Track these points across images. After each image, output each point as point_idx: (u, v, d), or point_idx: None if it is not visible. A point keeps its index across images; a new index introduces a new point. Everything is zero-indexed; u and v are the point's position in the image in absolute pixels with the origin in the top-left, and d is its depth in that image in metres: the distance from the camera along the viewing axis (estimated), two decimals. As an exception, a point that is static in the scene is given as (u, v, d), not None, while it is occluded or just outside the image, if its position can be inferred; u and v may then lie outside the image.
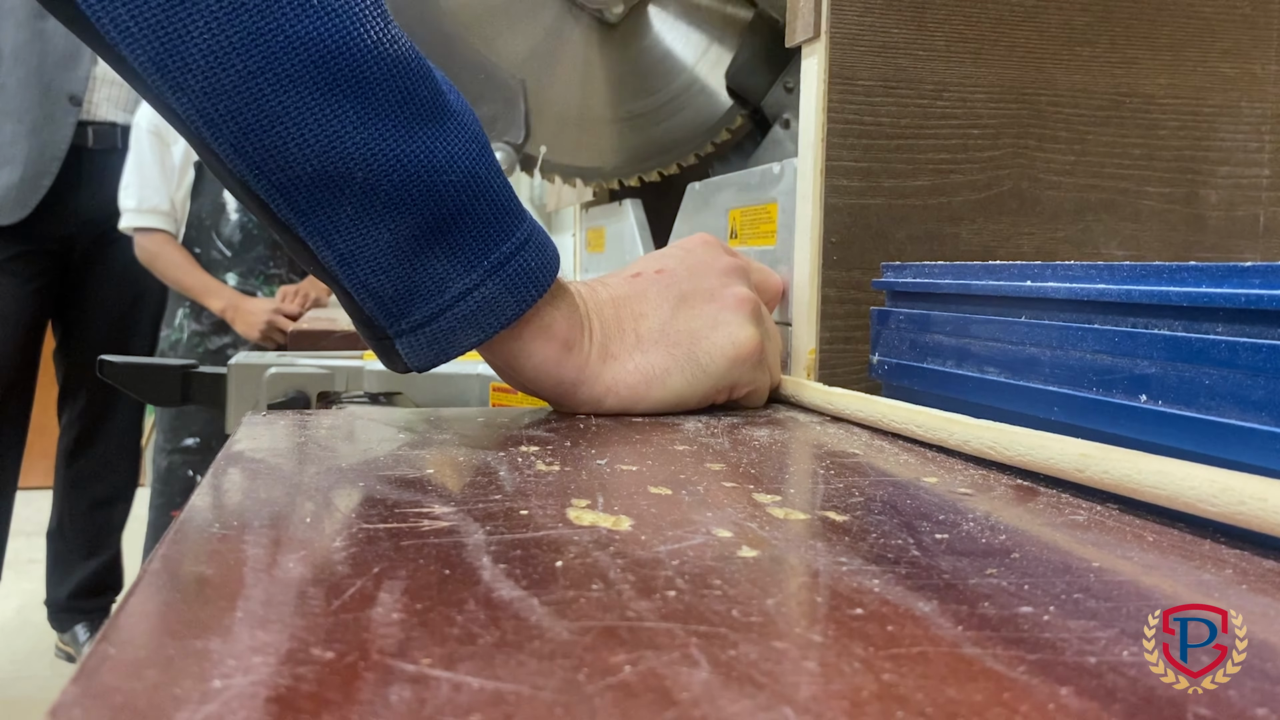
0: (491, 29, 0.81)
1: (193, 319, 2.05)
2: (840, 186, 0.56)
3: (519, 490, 0.31)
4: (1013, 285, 0.39)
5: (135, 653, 0.18)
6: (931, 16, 0.57)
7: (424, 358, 0.44)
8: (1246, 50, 0.62)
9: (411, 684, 0.16)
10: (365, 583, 0.22)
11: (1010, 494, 0.33)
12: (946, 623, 0.20)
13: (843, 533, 0.27)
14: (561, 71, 0.83)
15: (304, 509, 0.29)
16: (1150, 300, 0.32)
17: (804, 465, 0.39)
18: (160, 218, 2.00)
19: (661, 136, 0.87)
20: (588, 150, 0.86)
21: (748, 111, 0.85)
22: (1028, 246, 0.59)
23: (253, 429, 0.42)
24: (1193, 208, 0.62)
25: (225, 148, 0.38)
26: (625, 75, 0.85)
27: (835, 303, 0.56)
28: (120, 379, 0.77)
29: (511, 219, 0.44)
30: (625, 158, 0.87)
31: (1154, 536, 0.28)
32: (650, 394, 0.48)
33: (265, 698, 0.16)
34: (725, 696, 0.16)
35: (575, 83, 0.84)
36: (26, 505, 2.41)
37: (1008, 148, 0.59)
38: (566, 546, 0.25)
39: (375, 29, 0.39)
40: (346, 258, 0.41)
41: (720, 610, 0.20)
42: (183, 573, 0.23)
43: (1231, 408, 0.29)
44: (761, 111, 0.84)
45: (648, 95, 0.86)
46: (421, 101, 0.40)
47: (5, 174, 1.96)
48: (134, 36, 0.36)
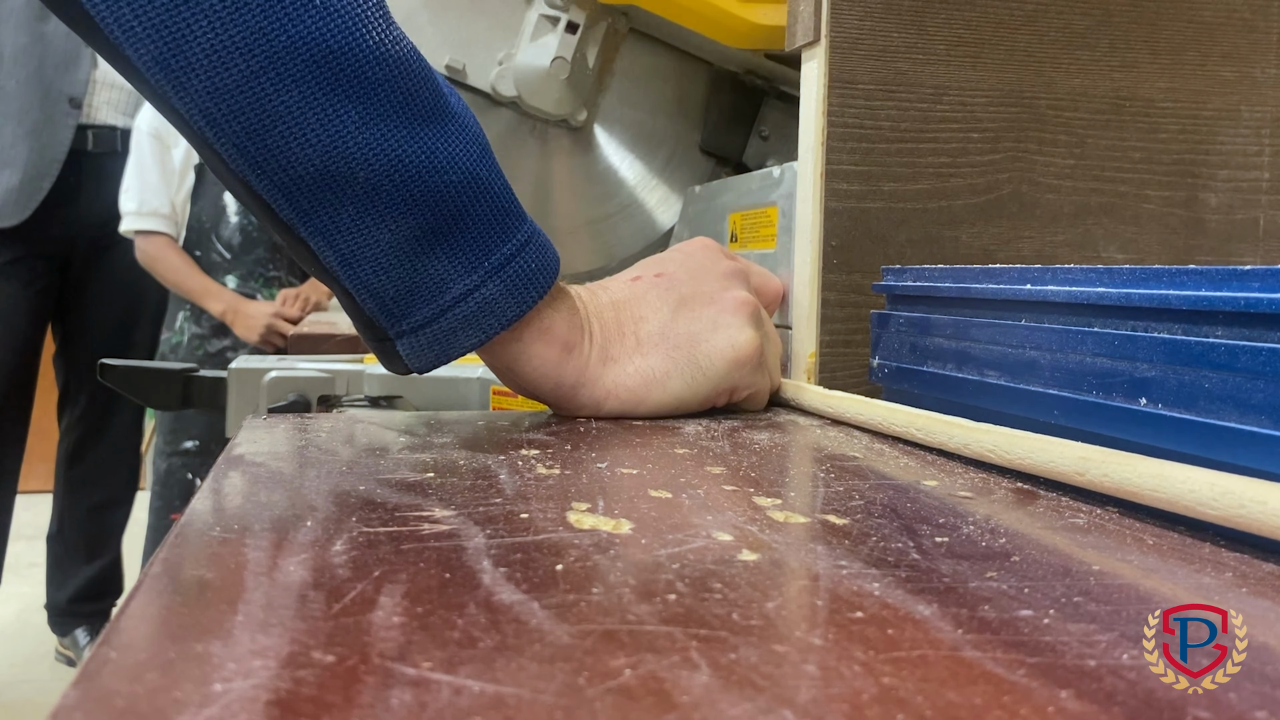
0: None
1: (193, 322, 2.05)
2: (840, 190, 0.56)
3: (519, 494, 0.31)
4: (1013, 289, 0.39)
5: (136, 656, 0.18)
6: (931, 20, 0.57)
7: (425, 359, 0.44)
8: (1246, 54, 0.62)
9: (412, 687, 0.16)
10: (366, 586, 0.22)
11: (1010, 497, 0.33)
12: (946, 626, 0.20)
13: (843, 536, 0.27)
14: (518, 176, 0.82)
15: (304, 512, 0.29)
16: (1150, 304, 0.32)
17: (804, 468, 0.39)
18: (160, 220, 2.00)
19: (617, 244, 0.86)
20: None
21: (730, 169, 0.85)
22: (1027, 250, 0.59)
23: (253, 432, 0.42)
24: (1192, 211, 0.62)
25: (228, 147, 0.38)
26: (585, 180, 0.84)
27: (835, 306, 0.56)
28: (120, 383, 0.77)
29: (512, 220, 0.44)
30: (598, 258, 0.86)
31: (1154, 540, 0.28)
32: (650, 397, 0.48)
33: (266, 701, 0.16)
34: (725, 700, 0.16)
35: (531, 188, 0.83)
36: (27, 509, 2.41)
37: (1007, 151, 0.59)
38: (567, 550, 0.25)
39: (378, 30, 0.39)
40: (348, 258, 0.41)
41: (720, 613, 0.20)
42: (183, 576, 0.23)
43: (1231, 411, 0.29)
44: (745, 166, 0.84)
45: (610, 200, 0.85)
46: (423, 102, 0.40)
47: (5, 177, 1.96)
48: (138, 35, 0.36)
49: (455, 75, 0.77)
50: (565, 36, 0.76)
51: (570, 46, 0.76)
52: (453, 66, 0.76)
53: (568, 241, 0.84)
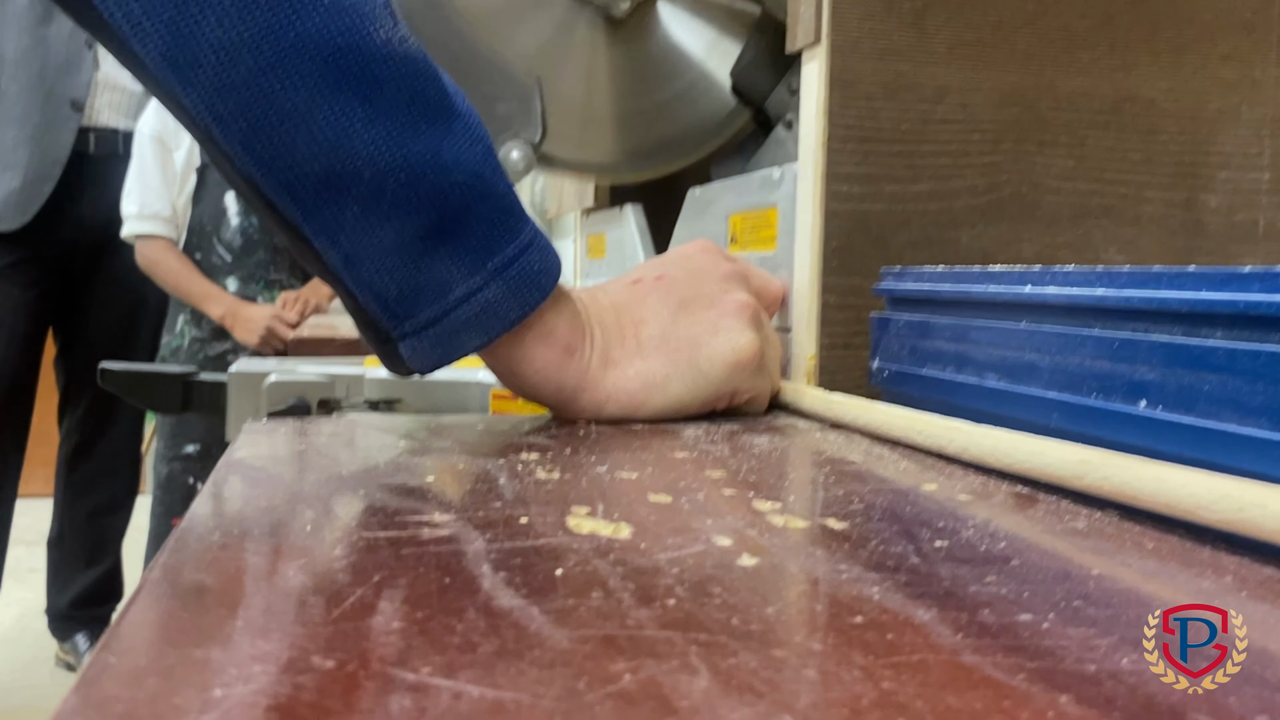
0: (503, 26, 0.81)
1: (193, 325, 2.05)
2: (840, 192, 0.56)
3: (519, 498, 0.31)
4: (1012, 291, 0.39)
5: (136, 661, 0.18)
6: (932, 21, 0.57)
7: (427, 360, 0.44)
8: (1246, 55, 0.62)
9: (412, 693, 0.16)
10: (365, 591, 0.22)
11: (1010, 501, 0.33)
12: (946, 630, 0.20)
13: (842, 540, 0.27)
14: (570, 68, 0.83)
15: (304, 517, 0.29)
16: (1150, 306, 0.32)
17: (804, 472, 0.39)
18: (161, 224, 2.00)
19: (670, 132, 0.87)
20: (594, 147, 0.86)
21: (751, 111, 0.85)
22: (1028, 252, 0.59)
23: (253, 436, 0.42)
24: (1192, 212, 0.62)
25: (234, 145, 0.38)
26: (633, 71, 0.85)
27: (835, 308, 0.56)
28: (121, 386, 0.77)
29: (515, 222, 0.44)
30: (630, 154, 0.87)
31: (1153, 543, 0.28)
32: (651, 400, 0.48)
33: (266, 707, 0.16)
34: (725, 705, 0.16)
35: (583, 79, 0.84)
36: (27, 514, 2.40)
37: (1008, 152, 0.59)
38: (566, 554, 0.25)
39: (385, 28, 0.39)
40: (351, 258, 0.41)
41: (720, 618, 0.20)
42: (183, 581, 0.23)
43: (1231, 414, 0.29)
44: (765, 112, 0.84)
45: (656, 91, 0.86)
46: (429, 102, 0.41)
47: (6, 180, 1.96)
48: (146, 31, 0.36)
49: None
50: None
51: None
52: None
53: (613, 129, 0.85)
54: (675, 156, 0.87)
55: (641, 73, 0.85)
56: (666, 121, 0.87)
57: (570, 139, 0.84)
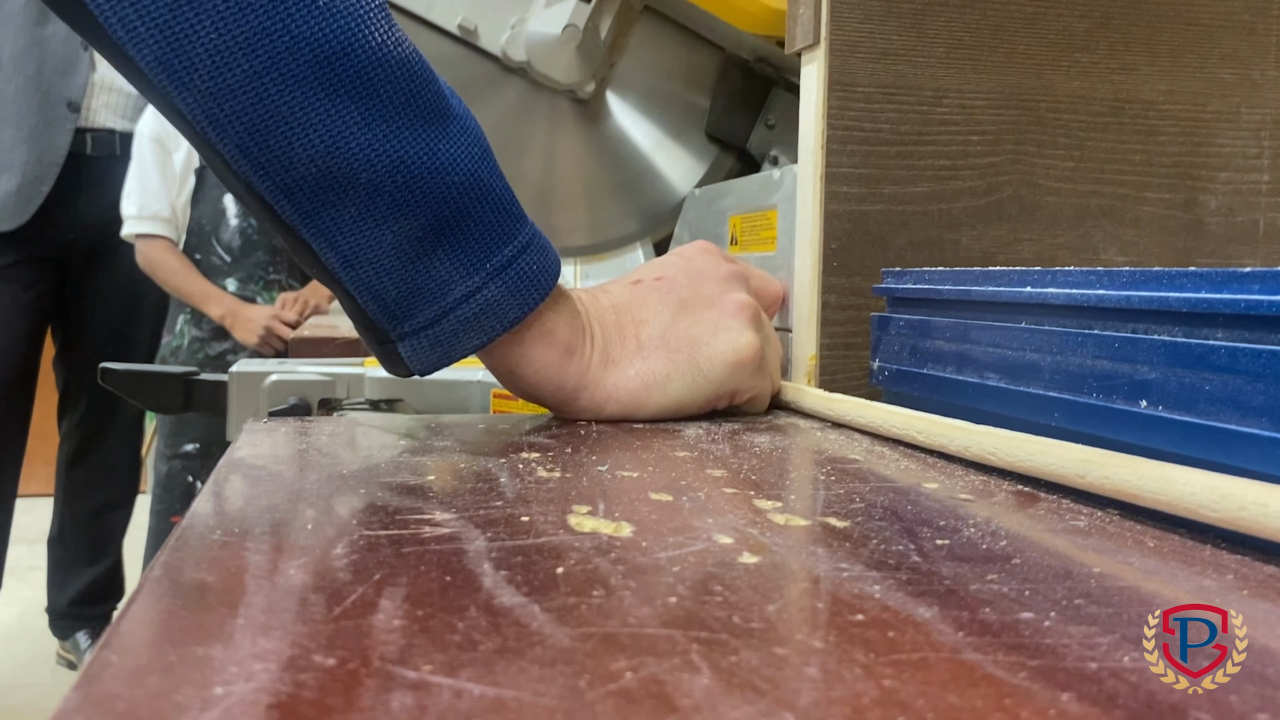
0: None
1: (193, 325, 2.05)
2: (840, 193, 0.56)
3: (520, 497, 0.31)
4: (1013, 291, 0.39)
5: (137, 660, 0.18)
6: (931, 23, 0.57)
7: (427, 361, 0.44)
8: (1245, 56, 0.62)
9: (413, 691, 0.16)
10: (366, 589, 0.22)
11: (1011, 500, 0.33)
12: (947, 629, 0.20)
13: (843, 539, 0.27)
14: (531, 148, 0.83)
15: (305, 516, 0.29)
16: (1150, 306, 0.32)
17: (805, 471, 0.39)
18: (161, 224, 2.00)
19: (624, 215, 0.86)
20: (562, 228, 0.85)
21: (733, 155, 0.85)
22: (1028, 252, 0.59)
23: (254, 436, 0.42)
24: (1192, 213, 0.62)
25: (230, 148, 0.38)
26: (599, 150, 0.84)
27: (835, 309, 0.56)
28: (121, 386, 0.77)
29: (513, 222, 0.44)
30: (594, 234, 0.86)
31: (1155, 542, 0.28)
32: (651, 400, 0.48)
33: (267, 705, 0.16)
34: (726, 703, 0.16)
35: (541, 158, 0.83)
36: (27, 512, 2.41)
37: (1007, 154, 0.59)
38: (567, 553, 0.25)
39: (380, 31, 0.39)
40: (350, 260, 0.41)
41: (721, 616, 0.20)
42: (184, 579, 0.23)
43: (1231, 413, 0.29)
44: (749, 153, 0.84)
45: (620, 170, 0.85)
46: (425, 103, 0.41)
47: (4, 180, 1.96)
48: (141, 36, 0.36)
49: (467, 36, 0.77)
50: (579, 5, 0.76)
51: (583, 15, 0.76)
52: (465, 27, 0.77)
53: (580, 210, 0.85)
54: (645, 230, 0.87)
55: (605, 150, 0.84)
56: (626, 203, 0.86)
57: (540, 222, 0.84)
